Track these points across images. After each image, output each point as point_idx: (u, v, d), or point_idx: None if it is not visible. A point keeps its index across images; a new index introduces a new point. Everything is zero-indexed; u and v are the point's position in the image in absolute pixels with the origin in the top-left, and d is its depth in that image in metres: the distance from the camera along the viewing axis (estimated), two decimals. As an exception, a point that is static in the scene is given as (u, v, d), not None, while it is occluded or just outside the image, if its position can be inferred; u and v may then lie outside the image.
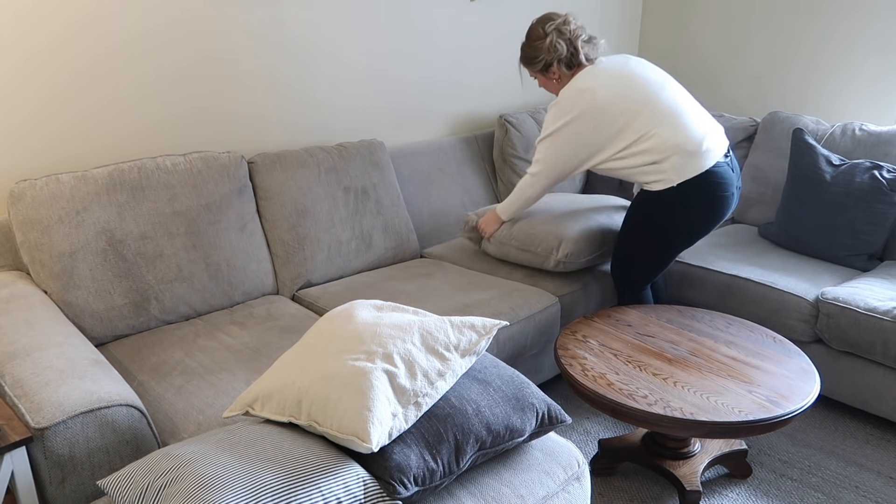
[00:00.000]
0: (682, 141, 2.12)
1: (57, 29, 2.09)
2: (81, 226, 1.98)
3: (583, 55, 2.20)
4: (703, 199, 2.16)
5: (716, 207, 2.18)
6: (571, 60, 2.21)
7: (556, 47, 2.18)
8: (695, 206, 2.16)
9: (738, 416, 1.74)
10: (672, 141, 2.12)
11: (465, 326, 1.50)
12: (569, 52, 2.19)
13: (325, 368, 1.35)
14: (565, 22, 2.21)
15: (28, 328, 1.70)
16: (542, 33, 2.21)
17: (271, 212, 2.38)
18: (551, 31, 2.19)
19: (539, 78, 2.31)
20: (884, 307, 2.26)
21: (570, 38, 2.19)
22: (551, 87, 2.32)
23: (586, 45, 2.22)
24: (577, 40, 2.19)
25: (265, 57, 2.55)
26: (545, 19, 2.23)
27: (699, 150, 2.13)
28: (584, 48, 2.20)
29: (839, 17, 3.24)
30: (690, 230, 2.22)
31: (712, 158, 2.15)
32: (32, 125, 2.13)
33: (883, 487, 2.12)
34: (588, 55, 2.22)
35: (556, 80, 2.26)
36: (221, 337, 2.04)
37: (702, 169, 2.13)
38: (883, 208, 2.55)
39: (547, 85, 2.32)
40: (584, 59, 2.21)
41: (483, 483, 1.41)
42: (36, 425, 1.38)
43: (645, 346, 2.07)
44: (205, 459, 1.21)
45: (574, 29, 2.20)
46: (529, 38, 2.26)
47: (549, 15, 2.24)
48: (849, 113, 3.31)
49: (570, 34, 2.19)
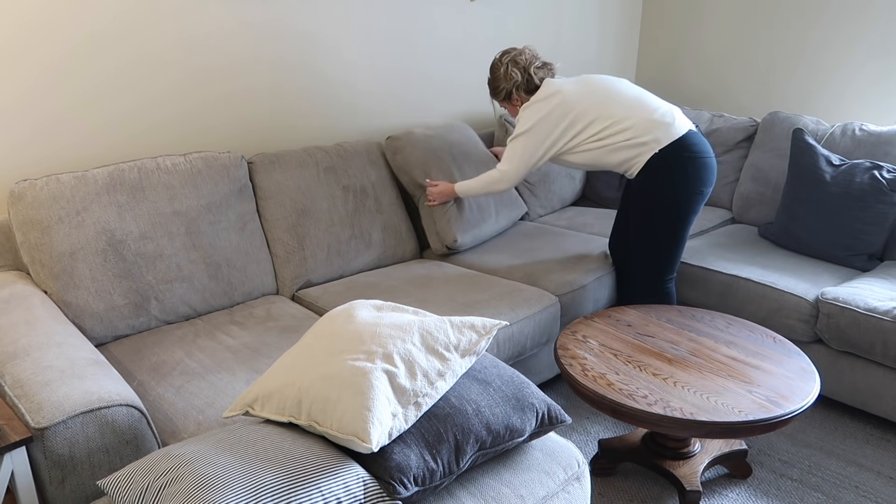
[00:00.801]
0: (657, 117, 2.30)
1: (58, 30, 2.09)
2: (81, 226, 1.98)
3: (537, 80, 2.40)
4: (686, 160, 2.29)
5: (700, 168, 2.31)
6: (529, 85, 2.41)
7: (511, 75, 2.39)
8: (681, 167, 2.29)
9: (738, 416, 1.74)
10: (647, 118, 2.29)
11: (465, 326, 1.50)
12: (524, 78, 2.40)
13: (324, 368, 1.35)
14: (520, 53, 2.41)
15: (28, 328, 1.70)
16: (499, 65, 2.43)
17: (271, 212, 2.38)
18: (506, 62, 2.41)
19: (507, 107, 2.51)
20: (884, 307, 2.26)
21: (524, 66, 2.40)
22: (516, 114, 2.47)
23: (540, 70, 2.41)
24: (531, 67, 2.40)
25: (266, 57, 2.55)
26: (503, 53, 2.44)
27: (673, 121, 2.31)
28: (537, 73, 2.40)
29: (841, 19, 3.24)
30: (688, 192, 2.31)
31: (685, 127, 2.33)
32: (32, 125, 2.13)
33: (883, 487, 2.12)
34: (543, 78, 2.41)
35: (520, 105, 2.45)
36: (221, 337, 2.04)
37: (679, 133, 2.29)
38: (883, 208, 2.55)
39: (514, 112, 2.50)
40: (538, 82, 2.40)
41: (483, 483, 1.41)
42: (36, 425, 1.38)
43: (645, 346, 2.07)
44: (205, 459, 1.21)
45: (528, 58, 2.41)
46: (491, 71, 2.47)
47: (508, 49, 2.45)
48: (849, 114, 3.31)
49: (525, 62, 2.40)
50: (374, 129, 2.96)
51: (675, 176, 2.29)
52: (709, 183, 2.35)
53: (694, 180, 2.30)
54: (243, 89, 2.52)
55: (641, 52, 4.01)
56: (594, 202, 3.36)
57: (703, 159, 2.31)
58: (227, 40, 2.43)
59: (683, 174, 2.29)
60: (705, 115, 3.37)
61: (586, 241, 2.83)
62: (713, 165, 2.35)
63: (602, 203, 3.34)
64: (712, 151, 2.38)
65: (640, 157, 2.31)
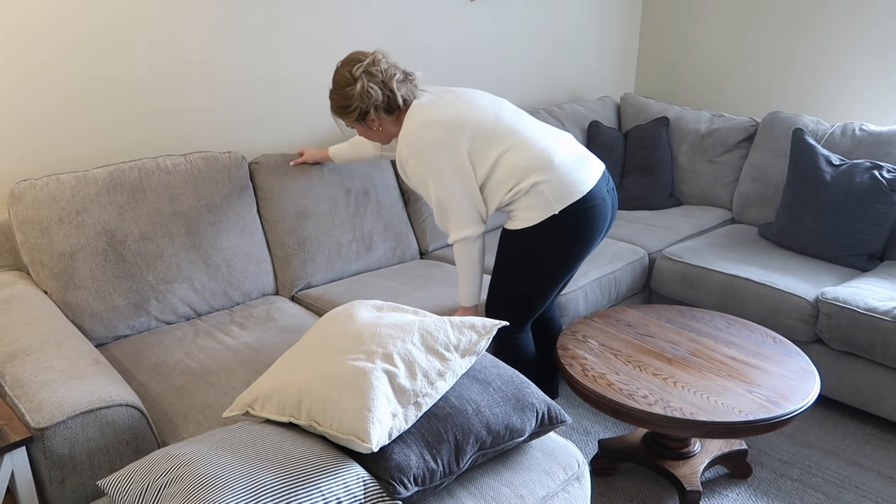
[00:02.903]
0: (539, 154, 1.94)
1: (58, 29, 2.09)
2: (82, 226, 1.98)
3: (400, 98, 1.92)
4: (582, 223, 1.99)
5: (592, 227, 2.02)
6: (389, 105, 1.93)
7: (368, 93, 1.89)
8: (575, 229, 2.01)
9: (738, 416, 1.74)
10: (531, 154, 1.94)
11: (465, 326, 1.50)
12: (385, 96, 1.91)
13: (325, 368, 1.35)
14: (374, 62, 1.90)
15: (28, 328, 1.70)
16: (350, 79, 1.90)
17: (272, 213, 2.38)
18: (360, 74, 1.89)
19: (357, 128, 2.00)
20: (884, 307, 2.26)
21: (383, 80, 1.90)
22: (373, 136, 2.02)
23: (402, 84, 1.94)
24: (392, 81, 1.91)
25: (266, 57, 2.54)
26: (351, 61, 1.91)
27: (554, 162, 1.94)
28: (400, 89, 1.92)
29: (840, 19, 3.24)
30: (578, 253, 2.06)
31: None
32: (33, 125, 2.13)
33: (883, 487, 2.12)
34: (406, 97, 1.95)
35: (377, 127, 1.97)
36: (221, 337, 2.04)
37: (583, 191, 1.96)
38: (883, 208, 2.55)
39: (368, 135, 2.02)
40: (401, 102, 1.93)
41: (483, 483, 1.41)
42: (36, 425, 1.38)
43: (645, 346, 2.07)
44: (205, 459, 1.21)
45: (386, 69, 1.91)
46: (337, 84, 1.93)
47: (356, 55, 1.92)
48: (849, 114, 3.31)
49: (383, 75, 1.90)
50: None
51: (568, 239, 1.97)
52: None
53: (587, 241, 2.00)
54: (245, 89, 2.52)
55: (641, 52, 4.01)
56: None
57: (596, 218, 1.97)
58: (229, 40, 2.43)
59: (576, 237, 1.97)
60: (705, 116, 3.38)
61: (586, 242, 2.83)
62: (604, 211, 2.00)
63: (602, 203, 3.34)
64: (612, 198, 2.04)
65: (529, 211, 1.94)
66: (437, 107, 1.93)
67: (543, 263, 1.98)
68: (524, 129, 1.96)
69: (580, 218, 1.93)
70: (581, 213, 1.92)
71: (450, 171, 1.90)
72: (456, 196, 1.92)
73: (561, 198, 1.90)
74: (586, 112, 3.44)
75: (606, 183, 2.02)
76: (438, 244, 2.80)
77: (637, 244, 2.88)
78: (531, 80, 3.50)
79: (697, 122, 3.35)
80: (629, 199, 3.28)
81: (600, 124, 3.38)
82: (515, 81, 3.43)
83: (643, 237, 2.93)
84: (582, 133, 3.37)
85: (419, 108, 1.93)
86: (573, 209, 1.91)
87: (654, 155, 3.30)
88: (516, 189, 1.92)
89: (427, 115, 1.91)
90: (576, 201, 1.91)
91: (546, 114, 3.30)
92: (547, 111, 3.32)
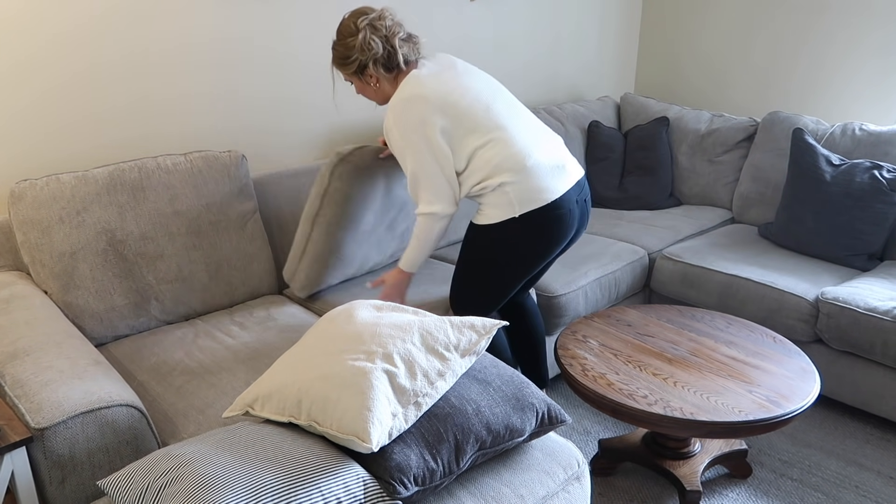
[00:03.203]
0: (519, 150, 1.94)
1: (58, 28, 2.09)
2: (82, 226, 1.98)
3: (401, 56, 1.92)
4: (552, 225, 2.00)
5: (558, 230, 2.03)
6: (389, 62, 1.92)
7: (370, 45, 1.89)
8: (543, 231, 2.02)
9: (738, 416, 1.74)
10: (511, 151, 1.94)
11: (464, 326, 1.50)
12: (385, 51, 1.91)
13: (325, 368, 1.35)
14: (380, 17, 1.91)
15: (28, 328, 1.70)
16: (353, 29, 1.91)
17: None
18: (364, 26, 1.89)
19: (355, 82, 2.00)
20: (884, 307, 2.26)
21: (385, 35, 1.90)
22: (369, 94, 2.01)
23: (405, 43, 1.94)
24: (395, 38, 1.91)
25: (267, 57, 2.55)
26: (357, 13, 1.92)
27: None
28: (402, 48, 1.93)
29: (841, 18, 3.24)
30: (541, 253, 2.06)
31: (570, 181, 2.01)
32: (33, 125, 2.13)
33: (883, 487, 2.12)
34: (407, 56, 1.95)
35: (374, 84, 1.96)
36: (221, 337, 2.04)
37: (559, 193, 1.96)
38: (883, 208, 2.55)
39: (364, 91, 2.01)
40: (402, 61, 1.93)
41: (483, 483, 1.41)
42: (36, 425, 1.38)
43: (645, 346, 2.07)
44: (205, 459, 1.21)
45: (390, 25, 1.92)
46: (340, 34, 1.94)
47: (363, 9, 1.93)
48: (849, 114, 3.31)
49: (386, 31, 1.91)
50: (376, 130, 2.96)
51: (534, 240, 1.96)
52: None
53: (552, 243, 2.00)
54: (245, 89, 2.52)
55: (641, 51, 4.01)
56: (594, 202, 3.37)
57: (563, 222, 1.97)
58: (227, 40, 2.43)
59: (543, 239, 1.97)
60: (705, 115, 3.38)
61: (586, 242, 2.83)
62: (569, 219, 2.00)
63: (602, 203, 3.34)
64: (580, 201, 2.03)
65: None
66: (431, 82, 1.91)
67: (498, 262, 1.99)
68: (509, 125, 1.94)
69: (540, 224, 1.93)
70: (542, 219, 1.93)
71: (427, 150, 1.89)
72: (431, 173, 1.91)
73: (523, 202, 1.91)
74: (586, 112, 3.44)
75: (578, 193, 2.01)
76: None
77: (637, 244, 2.89)
78: (531, 79, 3.50)
79: (697, 122, 3.35)
80: (629, 199, 3.28)
81: (600, 124, 3.38)
82: (516, 81, 3.43)
83: (643, 237, 2.93)
84: (582, 133, 3.37)
85: (413, 79, 1.91)
86: (533, 215, 1.92)
87: (654, 155, 3.30)
88: (484, 184, 1.93)
89: (418, 90, 1.89)
90: (537, 208, 1.91)
91: (546, 114, 3.30)
92: (547, 111, 3.32)
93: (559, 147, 2.03)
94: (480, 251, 2.01)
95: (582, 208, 2.03)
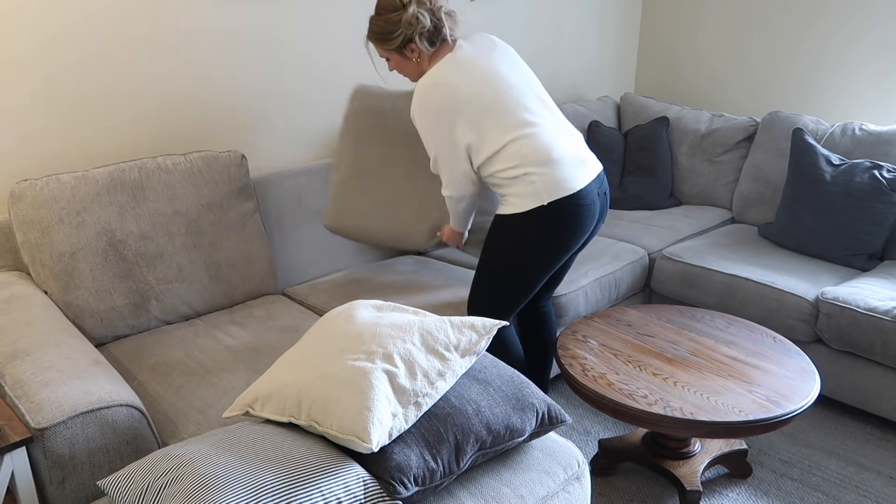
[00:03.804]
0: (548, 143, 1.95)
1: (57, 27, 2.09)
2: (82, 226, 1.98)
3: (447, 29, 1.91)
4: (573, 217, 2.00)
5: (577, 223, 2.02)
6: (434, 36, 1.89)
7: (418, 19, 1.85)
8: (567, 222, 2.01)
9: (738, 416, 1.74)
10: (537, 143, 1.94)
11: (465, 326, 1.50)
12: (432, 24, 1.88)
13: (325, 368, 1.35)
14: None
15: (28, 328, 1.70)
16: (399, 4, 1.87)
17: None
18: (411, 0, 1.87)
19: (394, 58, 1.96)
20: (884, 307, 2.26)
21: (432, 8, 1.88)
22: (408, 70, 1.99)
23: (449, 18, 1.92)
24: (440, 11, 1.88)
25: (268, 57, 2.55)
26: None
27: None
28: (447, 21, 1.91)
29: (840, 18, 3.24)
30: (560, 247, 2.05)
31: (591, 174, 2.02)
32: (33, 124, 2.13)
33: (883, 487, 2.12)
34: (452, 30, 1.93)
35: (416, 59, 1.93)
36: (221, 337, 2.04)
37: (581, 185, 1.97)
38: (883, 208, 2.55)
39: (403, 67, 1.98)
40: (448, 34, 1.91)
41: (483, 483, 1.41)
42: (36, 425, 1.38)
43: (645, 346, 2.07)
44: (205, 459, 1.21)
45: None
46: (383, 9, 1.90)
47: None
48: (849, 114, 3.31)
49: (432, 4, 1.88)
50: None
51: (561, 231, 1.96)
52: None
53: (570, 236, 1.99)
54: (246, 88, 2.52)
55: (641, 52, 4.01)
56: (594, 202, 3.37)
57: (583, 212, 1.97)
58: (229, 39, 2.43)
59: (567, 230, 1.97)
60: (705, 115, 3.38)
61: (586, 241, 2.83)
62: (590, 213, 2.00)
63: (602, 203, 3.34)
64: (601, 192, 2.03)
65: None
66: (464, 69, 1.89)
67: (528, 251, 1.98)
68: (539, 120, 1.94)
69: (567, 212, 1.93)
70: (569, 208, 1.93)
71: (448, 138, 1.91)
72: (448, 159, 1.94)
73: (551, 191, 1.91)
74: (586, 112, 3.44)
75: (599, 186, 2.02)
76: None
77: (637, 244, 2.89)
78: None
79: (697, 122, 3.35)
80: (629, 199, 3.28)
81: (600, 124, 3.38)
82: (515, 81, 3.43)
83: (643, 237, 2.93)
84: (582, 133, 3.37)
85: (446, 64, 1.89)
86: (561, 203, 1.92)
87: (654, 155, 3.30)
88: (510, 173, 1.92)
89: (450, 76, 1.87)
90: (565, 196, 1.92)
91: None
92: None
93: (580, 142, 2.04)
94: (508, 241, 1.99)
95: (602, 201, 2.05)
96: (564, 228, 1.95)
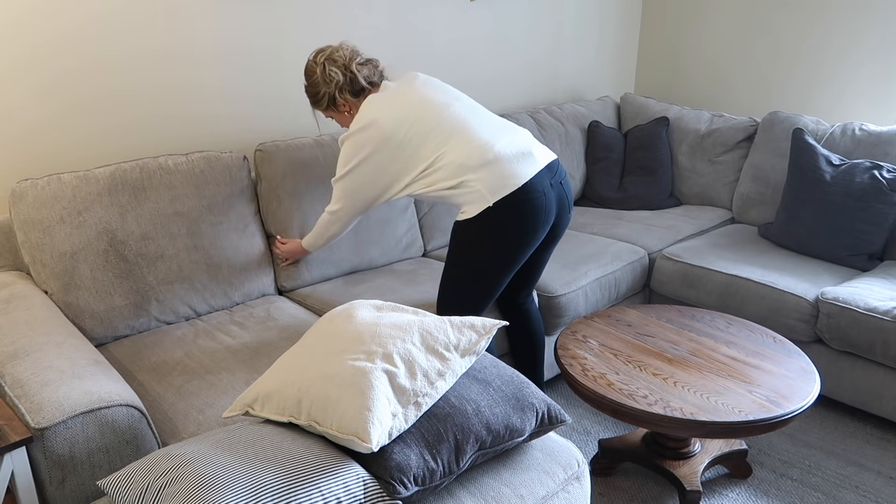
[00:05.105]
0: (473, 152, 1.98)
1: (60, 28, 2.10)
2: (83, 226, 1.98)
3: (362, 78, 2.03)
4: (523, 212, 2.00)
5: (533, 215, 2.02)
6: (353, 86, 2.04)
7: (331, 76, 2.01)
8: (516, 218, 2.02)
9: (738, 416, 1.74)
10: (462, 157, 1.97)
11: (464, 326, 1.50)
12: (347, 77, 2.02)
13: (324, 368, 1.35)
14: (337, 49, 2.04)
15: (28, 328, 1.70)
16: (314, 66, 2.05)
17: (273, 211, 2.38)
18: (322, 61, 2.03)
19: (333, 115, 2.12)
20: (884, 307, 2.26)
21: (344, 63, 2.02)
22: (346, 122, 2.12)
23: (363, 67, 2.05)
24: (352, 64, 2.03)
25: (269, 58, 2.55)
26: (317, 53, 2.06)
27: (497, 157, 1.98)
28: (361, 71, 2.04)
29: (841, 19, 3.24)
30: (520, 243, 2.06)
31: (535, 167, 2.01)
32: (34, 124, 2.13)
33: (883, 487, 2.12)
34: (369, 78, 2.05)
35: (348, 112, 2.08)
36: (221, 337, 2.04)
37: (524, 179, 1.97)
38: (883, 208, 2.55)
39: (342, 121, 2.12)
40: (364, 82, 2.04)
41: (483, 483, 1.42)
42: (36, 425, 1.38)
43: (645, 346, 2.07)
44: (205, 459, 1.21)
45: (347, 54, 2.04)
46: (306, 75, 2.08)
47: (321, 48, 2.07)
48: (849, 114, 3.31)
49: (344, 59, 2.03)
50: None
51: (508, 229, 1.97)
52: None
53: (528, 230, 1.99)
54: (247, 89, 2.52)
55: (641, 52, 4.01)
56: (594, 202, 3.37)
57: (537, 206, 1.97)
58: (230, 41, 2.44)
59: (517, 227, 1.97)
60: (705, 115, 3.38)
61: (586, 242, 2.83)
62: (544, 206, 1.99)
63: (602, 203, 3.34)
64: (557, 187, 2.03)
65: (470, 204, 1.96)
66: (384, 104, 1.99)
67: (481, 255, 1.99)
68: (468, 126, 1.98)
69: (516, 208, 1.93)
70: (517, 204, 1.93)
71: (372, 167, 1.98)
72: (363, 183, 2.01)
73: (494, 190, 1.92)
74: (586, 112, 3.45)
75: (550, 176, 2.01)
76: (437, 244, 2.81)
77: (637, 244, 2.89)
78: (531, 79, 3.50)
79: (697, 122, 3.35)
80: (629, 199, 3.28)
81: (600, 124, 3.39)
82: (515, 81, 3.43)
83: (643, 237, 2.93)
84: (582, 133, 3.38)
85: (368, 103, 2.00)
86: (508, 201, 1.92)
87: (654, 155, 3.30)
88: (452, 184, 1.95)
89: (370, 114, 1.97)
90: (510, 193, 1.92)
91: (546, 114, 3.30)
92: (547, 111, 3.32)
93: (524, 137, 2.04)
94: (462, 246, 2.01)
95: (559, 191, 2.03)
96: (517, 224, 1.95)
